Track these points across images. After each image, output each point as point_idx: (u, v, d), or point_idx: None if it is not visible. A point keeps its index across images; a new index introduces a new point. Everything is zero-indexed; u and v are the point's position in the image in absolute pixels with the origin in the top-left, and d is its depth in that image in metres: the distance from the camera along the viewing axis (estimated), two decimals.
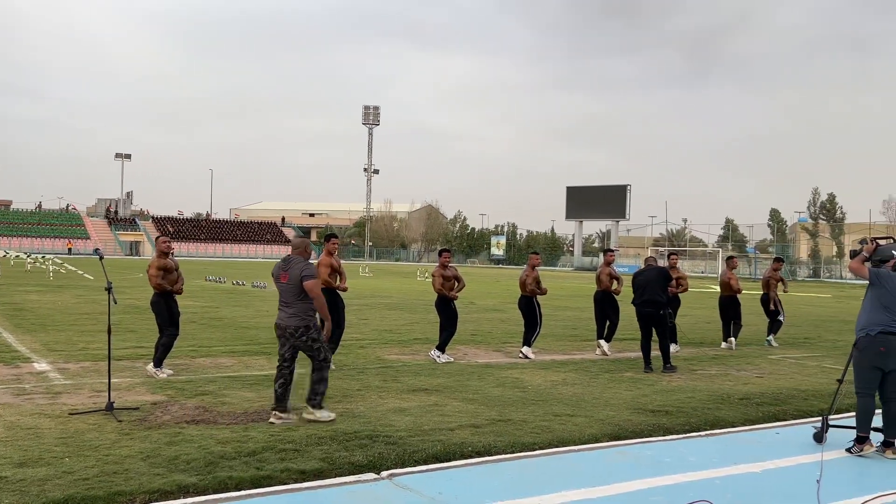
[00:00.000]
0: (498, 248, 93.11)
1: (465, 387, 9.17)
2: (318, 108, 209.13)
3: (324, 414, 7.15)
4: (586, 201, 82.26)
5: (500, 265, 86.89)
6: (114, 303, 7.80)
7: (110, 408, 7.16)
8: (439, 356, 11.22)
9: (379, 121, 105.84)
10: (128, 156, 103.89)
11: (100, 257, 8.09)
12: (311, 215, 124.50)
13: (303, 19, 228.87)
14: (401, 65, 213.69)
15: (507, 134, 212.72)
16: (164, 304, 9.46)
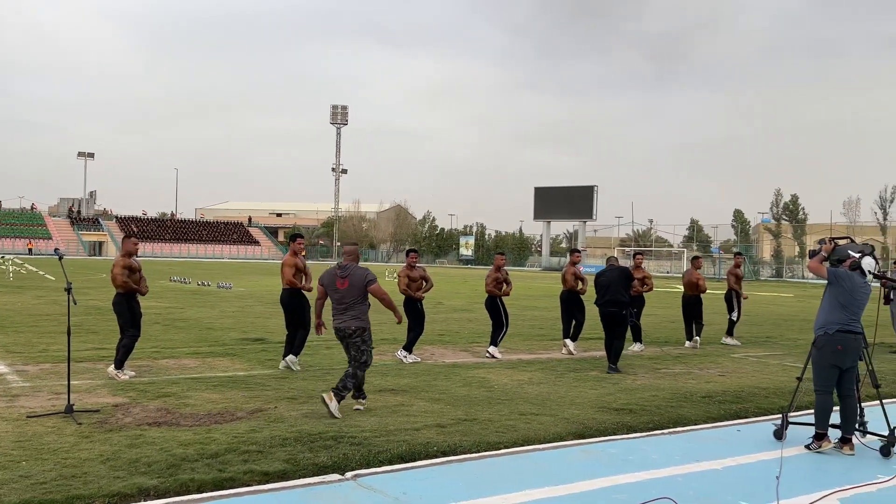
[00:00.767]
0: (466, 248, 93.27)
1: (432, 387, 9.17)
2: (285, 108, 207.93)
3: (335, 408, 7.34)
4: (554, 202, 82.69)
5: (469, 265, 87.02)
6: (73, 304, 7.66)
7: (70, 410, 7.04)
8: (406, 356, 11.20)
9: (347, 120, 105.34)
10: (91, 155, 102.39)
11: (59, 258, 7.96)
12: (279, 215, 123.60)
13: (270, 18, 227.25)
14: (369, 65, 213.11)
15: (476, 135, 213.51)
16: (126, 305, 9.32)
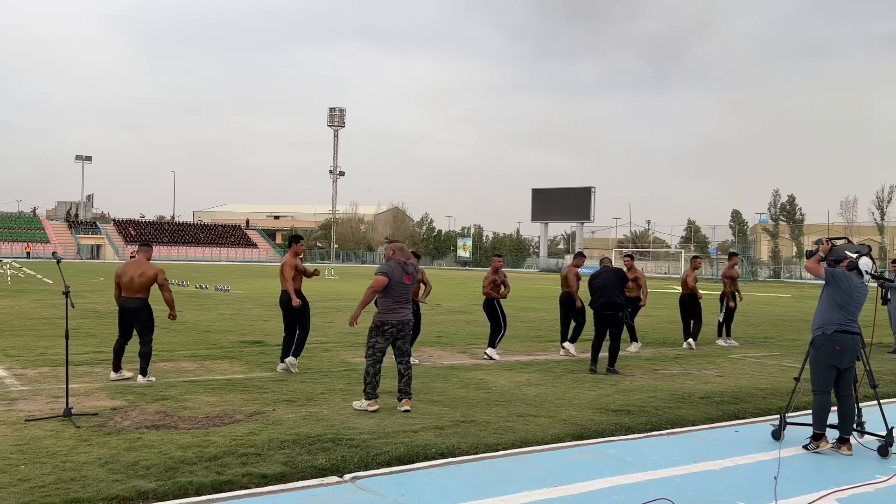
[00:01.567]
0: (464, 250, 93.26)
1: (430, 388, 9.17)
2: (281, 110, 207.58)
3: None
4: (551, 203, 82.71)
5: (467, 267, 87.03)
6: (71, 307, 7.67)
7: (68, 414, 7.04)
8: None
9: (344, 122, 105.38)
10: (88, 158, 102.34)
11: (57, 261, 7.95)
12: (276, 217, 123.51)
13: (265, 19, 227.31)
14: (365, 67, 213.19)
15: (472, 136, 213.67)
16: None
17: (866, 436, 7.00)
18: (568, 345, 12.71)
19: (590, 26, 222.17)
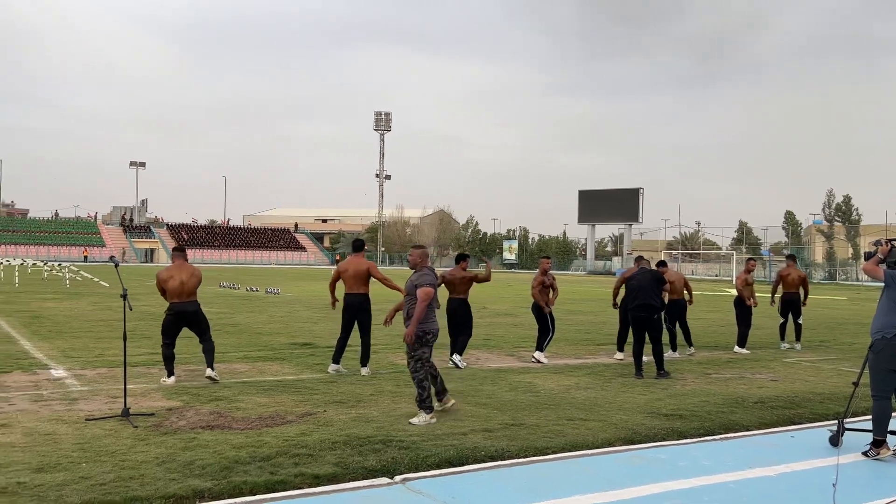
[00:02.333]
0: (510, 252, 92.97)
1: (478, 391, 9.17)
2: (329, 115, 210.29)
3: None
4: (599, 205, 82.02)
5: (513, 269, 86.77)
6: (129, 309, 7.86)
7: (126, 413, 7.22)
8: (460, 361, 11.17)
9: (390, 126, 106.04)
10: (142, 164, 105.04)
11: (115, 265, 8.16)
12: (324, 221, 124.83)
13: (312, 25, 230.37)
14: (411, 70, 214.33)
15: (517, 138, 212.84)
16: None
17: None
18: (620, 354, 12.57)
19: (634, 25, 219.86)
